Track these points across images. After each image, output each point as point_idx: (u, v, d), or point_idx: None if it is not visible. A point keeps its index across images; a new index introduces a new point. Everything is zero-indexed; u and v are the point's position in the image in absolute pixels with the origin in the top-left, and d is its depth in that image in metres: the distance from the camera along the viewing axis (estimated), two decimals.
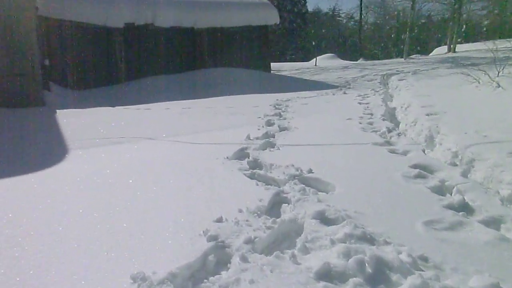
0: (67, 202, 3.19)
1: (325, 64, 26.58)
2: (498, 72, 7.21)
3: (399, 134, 5.16)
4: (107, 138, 5.83)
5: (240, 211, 2.86)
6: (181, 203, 3.08)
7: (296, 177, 3.63)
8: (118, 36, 13.08)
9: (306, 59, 36.64)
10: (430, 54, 28.73)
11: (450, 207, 2.93)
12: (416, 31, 27.99)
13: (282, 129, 6.11)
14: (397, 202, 3.02)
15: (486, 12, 39.58)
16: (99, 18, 12.52)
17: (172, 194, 3.30)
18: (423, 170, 3.72)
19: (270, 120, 6.75)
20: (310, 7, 62.09)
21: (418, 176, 3.56)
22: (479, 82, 7.42)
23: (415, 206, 2.95)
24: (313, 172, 3.71)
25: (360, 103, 8.06)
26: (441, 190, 3.30)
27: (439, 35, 40.63)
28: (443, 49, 28.17)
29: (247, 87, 12.95)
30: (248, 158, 4.49)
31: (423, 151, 4.45)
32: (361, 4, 39.95)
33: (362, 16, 42.05)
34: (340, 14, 51.66)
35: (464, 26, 27.31)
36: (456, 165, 3.91)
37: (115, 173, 3.89)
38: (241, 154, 4.67)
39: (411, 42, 24.27)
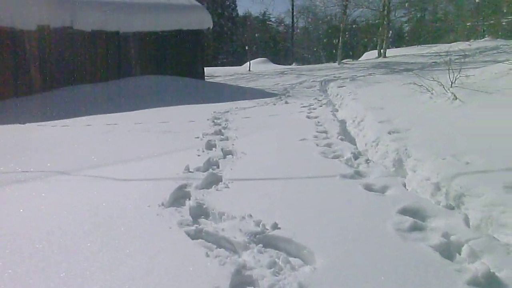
0: None
1: (258, 69, 26.06)
2: (452, 83, 6.77)
3: (367, 161, 4.40)
4: (4, 173, 4.56)
5: None
6: None
7: (258, 237, 2.71)
8: (29, 39, 11.41)
9: (238, 63, 36.05)
10: (360, 59, 29.15)
11: (476, 283, 2.16)
12: (347, 36, 28.26)
13: (226, 153, 5.17)
14: (407, 279, 2.19)
15: (408, 19, 41.43)
16: (4, 19, 10.80)
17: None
18: (416, 218, 2.95)
19: (210, 141, 5.78)
20: (240, 11, 61.64)
21: (413, 228, 2.78)
22: (432, 93, 6.95)
23: (433, 285, 2.15)
24: (279, 228, 2.81)
25: (308, 117, 7.31)
26: (449, 251, 2.54)
27: (366, 40, 41.81)
28: (372, 53, 28.65)
29: (180, 96, 11.86)
30: (190, 200, 3.53)
31: (404, 185, 3.71)
32: (292, 8, 40.05)
33: (293, 21, 42.22)
34: (271, 18, 51.68)
35: (391, 32, 28.00)
36: (452, 208, 3.19)
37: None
38: (180, 195, 3.68)
39: (342, 47, 24.30)
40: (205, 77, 16.61)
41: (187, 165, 4.34)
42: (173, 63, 14.49)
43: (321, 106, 8.76)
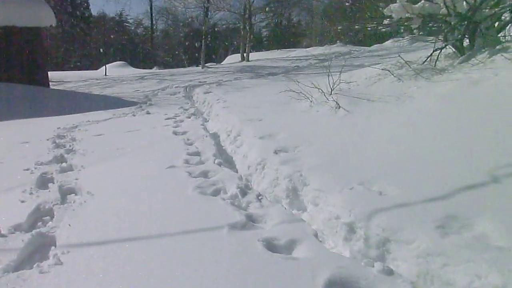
0: None
1: (116, 74, 23.96)
2: (332, 90, 6.20)
3: (259, 198, 3.37)
4: None
5: None
6: None
7: None
8: None
9: (94, 67, 33.16)
10: (223, 62, 28.76)
11: None
12: (209, 39, 27.58)
13: (65, 193, 3.75)
14: None
15: (266, 24, 42.66)
16: None
17: None
18: None
19: (45, 174, 4.27)
20: (94, 10, 57.20)
21: None
22: (311, 101, 6.30)
23: None
24: None
25: (175, 133, 6.11)
26: None
27: (227, 44, 41.94)
28: (235, 57, 28.49)
29: (14, 109, 9.68)
30: None
31: (315, 235, 2.76)
32: (151, 9, 38.16)
33: (152, 23, 40.35)
34: (128, 20, 48.83)
35: (252, 36, 28.15)
36: (391, 273, 2.31)
37: None
38: None
39: (205, 50, 23.47)
40: (51, 83, 14.26)
41: None
42: (5, 67, 11.93)
43: (189, 117, 7.61)
